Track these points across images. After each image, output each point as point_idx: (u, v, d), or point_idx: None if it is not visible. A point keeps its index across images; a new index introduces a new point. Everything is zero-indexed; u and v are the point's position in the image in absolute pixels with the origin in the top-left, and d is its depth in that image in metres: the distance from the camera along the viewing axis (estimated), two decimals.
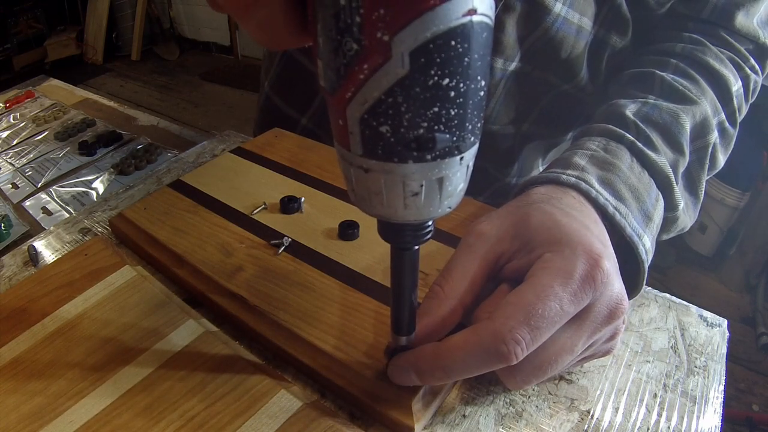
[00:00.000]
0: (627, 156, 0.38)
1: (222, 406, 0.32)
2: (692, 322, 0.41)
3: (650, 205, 0.36)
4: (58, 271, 0.43)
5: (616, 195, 0.35)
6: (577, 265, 0.28)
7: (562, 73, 0.52)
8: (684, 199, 0.41)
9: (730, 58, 0.48)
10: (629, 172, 0.37)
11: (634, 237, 0.34)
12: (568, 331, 0.29)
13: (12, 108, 0.92)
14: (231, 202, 0.48)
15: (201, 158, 0.60)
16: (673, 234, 0.42)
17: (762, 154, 1.72)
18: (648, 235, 0.35)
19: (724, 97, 0.45)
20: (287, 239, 0.43)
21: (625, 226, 0.34)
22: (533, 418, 0.34)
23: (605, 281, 0.28)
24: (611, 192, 0.35)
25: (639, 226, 0.35)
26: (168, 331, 0.37)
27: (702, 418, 0.34)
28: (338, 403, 0.35)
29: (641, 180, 0.37)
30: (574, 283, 0.28)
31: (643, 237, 0.35)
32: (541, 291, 0.28)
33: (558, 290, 0.27)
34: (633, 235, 0.34)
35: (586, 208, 0.34)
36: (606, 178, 0.36)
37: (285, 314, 0.37)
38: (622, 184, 0.36)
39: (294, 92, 0.64)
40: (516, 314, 0.27)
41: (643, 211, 0.36)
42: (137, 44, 3.70)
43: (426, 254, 0.42)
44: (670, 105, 0.42)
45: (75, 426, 0.32)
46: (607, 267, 0.28)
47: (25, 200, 0.69)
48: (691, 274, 1.95)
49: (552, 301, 0.27)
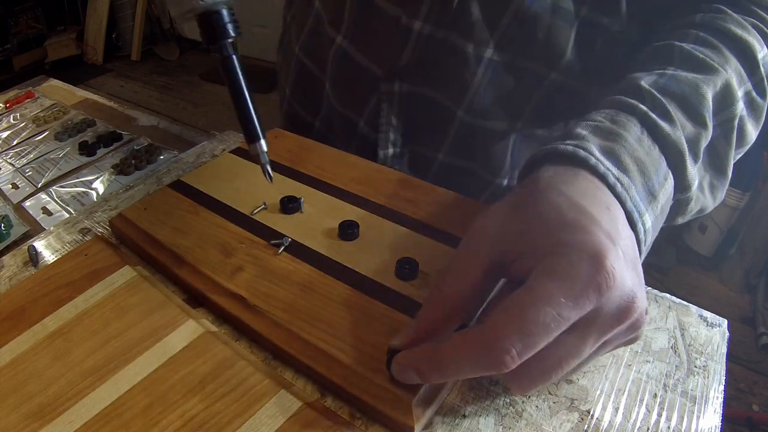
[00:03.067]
0: (637, 128, 0.35)
1: (222, 406, 0.32)
2: (692, 322, 0.41)
3: (657, 183, 0.34)
4: (58, 271, 0.43)
5: (619, 166, 0.33)
6: (580, 269, 0.27)
7: (545, 59, 0.49)
8: (708, 178, 0.39)
9: (754, 24, 0.44)
10: (637, 144, 0.34)
11: (635, 213, 0.32)
12: (573, 334, 0.27)
13: (12, 108, 0.92)
14: (231, 202, 0.48)
15: (201, 158, 0.60)
16: (690, 216, 0.39)
17: (762, 154, 1.72)
18: (650, 215, 0.33)
19: (749, 64, 0.42)
20: (287, 239, 0.43)
21: (626, 200, 0.31)
22: (533, 418, 0.34)
23: (611, 284, 0.27)
24: (613, 162, 0.33)
25: (641, 202, 0.32)
26: (168, 331, 0.37)
27: (702, 418, 0.34)
28: (338, 403, 0.35)
29: (650, 154, 0.34)
30: (575, 289, 0.26)
31: (644, 215, 0.32)
32: (537, 297, 0.26)
33: (556, 296, 0.26)
34: (633, 211, 0.32)
35: (599, 191, 0.31)
36: (609, 147, 0.33)
37: (285, 314, 0.37)
38: (627, 156, 0.33)
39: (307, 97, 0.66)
40: (508, 322, 0.26)
41: (648, 187, 0.33)
42: (137, 44, 3.70)
43: (426, 254, 0.42)
44: (690, 75, 0.38)
45: (75, 426, 0.32)
46: (614, 267, 0.27)
47: (25, 200, 0.69)
48: (691, 274, 1.95)
49: (548, 308, 0.26)
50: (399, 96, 0.55)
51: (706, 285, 1.91)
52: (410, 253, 0.42)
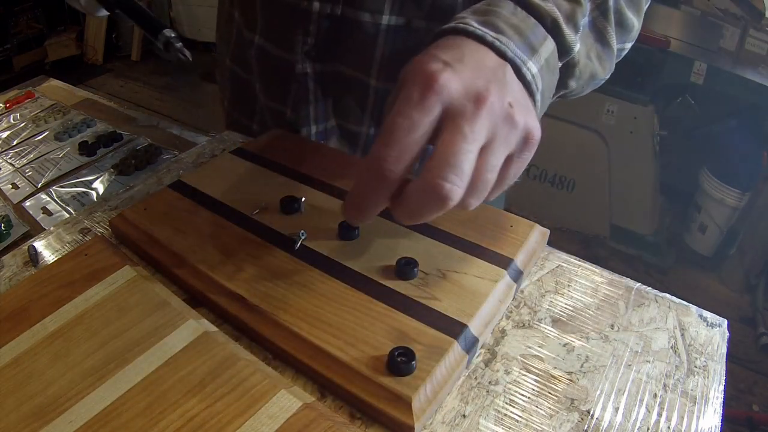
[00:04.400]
0: (510, 5, 0.39)
1: (222, 406, 0.32)
2: (692, 322, 0.41)
3: (535, 40, 0.38)
4: (58, 271, 0.43)
5: (496, 30, 0.37)
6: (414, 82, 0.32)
7: (439, 17, 0.52)
8: (593, 49, 0.44)
9: None
10: (511, 15, 0.38)
11: (516, 60, 0.36)
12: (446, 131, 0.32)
13: (12, 108, 0.92)
14: (231, 202, 0.48)
15: (201, 158, 0.60)
16: (583, 82, 0.44)
17: (762, 154, 1.73)
18: (534, 63, 0.37)
19: None
20: (303, 233, 0.43)
21: (506, 51, 0.36)
22: (533, 418, 0.34)
23: (448, 84, 0.32)
24: (490, 28, 0.37)
25: (522, 52, 0.36)
26: (168, 331, 0.37)
27: (702, 418, 0.34)
28: (338, 403, 0.35)
29: (525, 22, 0.38)
30: (410, 99, 0.32)
31: (527, 62, 0.36)
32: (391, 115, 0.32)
33: (403, 109, 0.32)
34: (515, 58, 0.36)
35: (459, 41, 0.36)
36: (485, 20, 0.37)
37: (285, 314, 0.37)
38: (503, 23, 0.37)
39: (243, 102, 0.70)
40: (380, 140, 0.32)
41: (527, 43, 0.37)
42: (137, 44, 3.69)
43: (426, 254, 0.42)
44: None
45: (75, 426, 0.32)
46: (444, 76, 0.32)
47: (25, 200, 0.69)
48: (691, 274, 1.95)
49: (400, 118, 0.32)
50: (313, 76, 0.58)
51: (706, 285, 1.91)
52: (410, 253, 0.42)
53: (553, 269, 0.46)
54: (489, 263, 0.41)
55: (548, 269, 0.46)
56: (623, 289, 0.44)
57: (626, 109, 1.85)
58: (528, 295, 0.43)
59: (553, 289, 0.44)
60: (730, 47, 1.72)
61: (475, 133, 0.32)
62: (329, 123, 0.62)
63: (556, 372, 0.37)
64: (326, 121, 0.61)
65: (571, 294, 0.43)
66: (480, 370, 0.37)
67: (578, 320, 0.41)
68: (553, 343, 0.39)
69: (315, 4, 0.54)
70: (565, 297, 0.43)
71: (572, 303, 0.42)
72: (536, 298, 0.43)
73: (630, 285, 0.44)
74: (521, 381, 0.36)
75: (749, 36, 1.68)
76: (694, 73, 1.74)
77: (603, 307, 0.42)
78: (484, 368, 0.37)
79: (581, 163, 2.02)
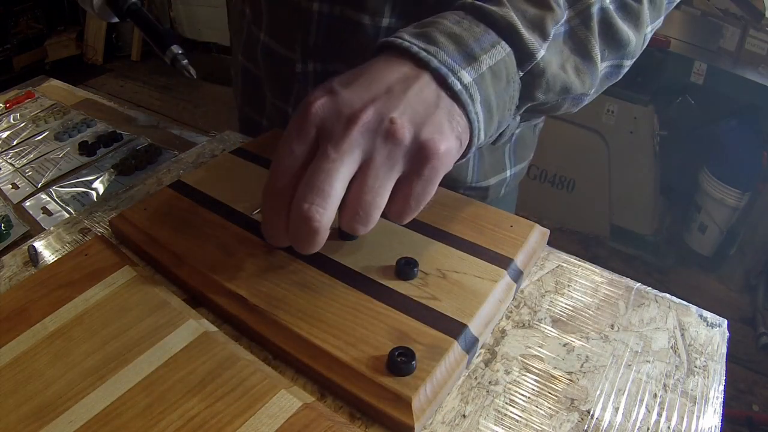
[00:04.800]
0: (458, 14, 0.37)
1: (222, 406, 0.32)
2: (692, 322, 0.41)
3: (476, 47, 0.35)
4: (58, 271, 0.43)
5: (428, 41, 0.35)
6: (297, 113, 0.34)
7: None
8: (570, 60, 0.40)
9: None
10: (454, 24, 0.36)
11: (441, 69, 0.34)
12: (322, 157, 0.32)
13: (12, 108, 0.92)
14: (231, 202, 0.48)
15: (201, 158, 0.60)
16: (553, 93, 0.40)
17: (762, 154, 1.73)
18: (468, 72, 0.35)
19: None
20: None
21: (430, 61, 0.34)
22: (533, 418, 0.34)
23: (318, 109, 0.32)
24: (422, 40, 0.35)
25: (454, 62, 0.34)
26: (168, 331, 0.37)
27: (702, 418, 0.34)
28: (338, 403, 0.35)
29: (470, 30, 0.36)
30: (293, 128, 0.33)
31: (458, 71, 0.34)
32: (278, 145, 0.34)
33: (285, 140, 0.34)
34: (440, 68, 0.34)
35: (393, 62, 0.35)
36: (421, 32, 0.36)
37: (285, 314, 0.37)
38: (439, 33, 0.35)
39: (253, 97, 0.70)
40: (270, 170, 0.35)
41: (463, 51, 0.35)
42: (137, 44, 3.69)
43: (426, 254, 0.42)
44: None
45: (75, 426, 0.32)
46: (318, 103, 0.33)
47: (25, 200, 0.69)
48: (691, 274, 1.95)
49: (281, 150, 0.34)
50: (313, 75, 0.58)
51: (706, 285, 1.91)
52: (410, 253, 0.42)
53: (553, 269, 0.46)
54: (489, 263, 0.41)
55: (548, 269, 0.46)
56: (623, 289, 0.44)
57: (626, 109, 1.85)
58: (528, 295, 0.43)
59: (553, 289, 0.44)
60: (730, 47, 1.72)
61: (340, 153, 0.31)
62: None
63: (556, 372, 0.37)
64: None
65: (571, 294, 0.43)
66: (480, 370, 0.37)
67: (578, 320, 0.41)
68: (553, 343, 0.39)
69: (315, 4, 0.54)
70: (565, 297, 0.43)
71: (572, 303, 0.42)
72: (536, 298, 0.43)
73: (630, 285, 0.44)
74: (521, 381, 0.36)
75: (749, 36, 1.68)
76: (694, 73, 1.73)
77: (603, 307, 0.42)
78: (484, 368, 0.37)
79: (581, 163, 2.02)
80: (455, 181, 0.63)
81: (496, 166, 0.66)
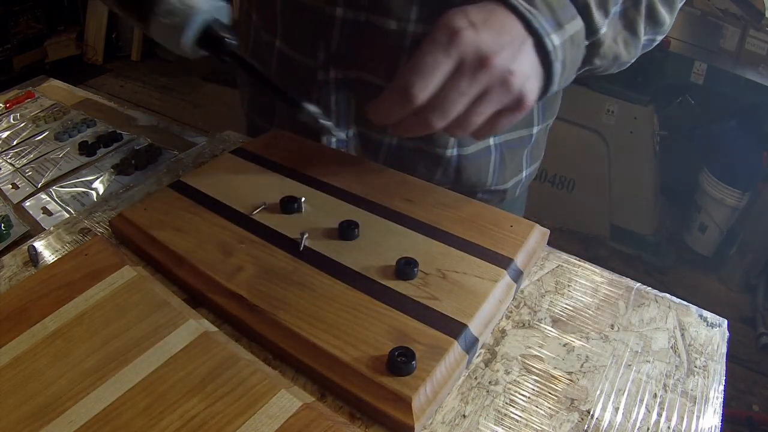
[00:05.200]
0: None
1: (222, 406, 0.32)
2: (692, 322, 0.41)
3: (563, 17, 0.43)
4: (58, 271, 0.43)
5: (530, 2, 0.42)
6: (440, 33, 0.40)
7: None
8: (621, 35, 0.49)
9: None
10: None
11: (540, 30, 0.41)
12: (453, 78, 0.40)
13: (12, 108, 0.92)
14: (231, 202, 0.48)
15: (201, 158, 0.60)
16: (607, 62, 0.49)
17: (762, 154, 1.73)
18: (557, 37, 0.42)
19: None
20: (305, 234, 0.43)
21: (531, 20, 0.41)
22: (533, 418, 0.34)
23: (465, 41, 0.39)
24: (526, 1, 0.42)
25: (548, 25, 0.42)
26: (168, 331, 0.37)
27: (702, 418, 0.34)
28: (338, 403, 0.35)
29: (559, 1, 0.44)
30: (438, 43, 0.39)
31: (551, 35, 0.42)
32: (418, 52, 0.40)
33: (429, 49, 0.39)
34: (539, 28, 0.41)
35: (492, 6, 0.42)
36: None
37: (285, 314, 0.37)
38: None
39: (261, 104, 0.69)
40: (408, 68, 0.40)
41: (555, 18, 0.43)
42: (137, 44, 3.69)
43: (426, 254, 0.42)
44: None
45: (75, 426, 0.32)
46: (466, 32, 0.39)
47: (25, 200, 0.69)
48: (691, 274, 1.95)
49: (426, 56, 0.39)
50: (335, 83, 0.57)
51: (706, 285, 1.91)
52: (410, 253, 0.42)
53: (553, 269, 0.46)
54: (489, 263, 0.41)
55: (548, 269, 0.46)
56: (623, 289, 0.44)
57: (626, 109, 1.85)
58: (528, 295, 0.43)
59: (553, 289, 0.44)
60: (730, 47, 1.72)
61: (470, 90, 0.40)
62: (351, 131, 0.61)
63: (556, 372, 0.37)
64: (347, 129, 0.60)
65: (571, 294, 0.43)
66: (480, 370, 0.37)
67: (578, 320, 0.41)
68: (553, 343, 0.39)
69: (339, 9, 0.53)
70: (565, 297, 0.43)
71: (572, 303, 0.42)
72: (536, 298, 0.43)
73: (630, 285, 0.44)
74: (521, 381, 0.36)
75: (749, 36, 1.68)
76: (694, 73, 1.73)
77: (603, 307, 0.42)
78: (484, 368, 0.37)
79: (581, 163, 2.02)
80: (475, 185, 0.64)
81: (514, 169, 0.67)
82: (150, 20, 0.44)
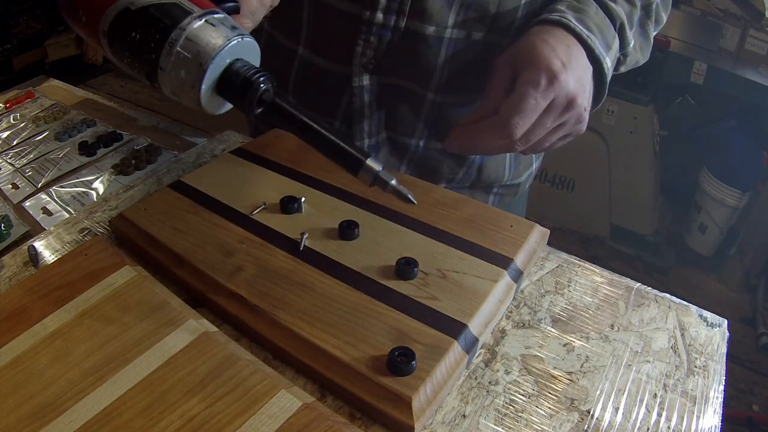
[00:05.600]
0: (593, 6, 0.50)
1: (222, 406, 0.32)
2: (692, 322, 0.41)
3: (610, 38, 0.50)
4: (58, 271, 0.43)
5: (588, 28, 0.48)
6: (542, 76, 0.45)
7: (498, 29, 0.53)
8: (638, 42, 0.55)
9: None
10: (595, 15, 0.50)
11: (600, 56, 0.48)
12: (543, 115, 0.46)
13: (12, 108, 0.92)
14: (231, 202, 0.48)
15: (201, 158, 0.60)
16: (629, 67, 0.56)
17: (762, 154, 1.73)
18: (609, 58, 0.49)
19: None
20: (305, 235, 0.43)
21: (594, 48, 0.48)
22: (533, 418, 0.34)
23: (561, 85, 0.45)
24: (584, 26, 0.48)
25: (603, 49, 0.49)
26: (168, 331, 0.37)
27: (702, 418, 0.34)
28: (338, 403, 0.35)
29: (603, 22, 0.50)
30: (541, 87, 0.44)
31: (606, 58, 0.49)
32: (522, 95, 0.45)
33: (532, 93, 0.44)
34: (600, 54, 0.48)
35: (563, 36, 0.47)
36: (580, 17, 0.49)
37: (285, 314, 0.37)
38: (591, 22, 0.49)
39: None
40: (512, 109, 0.45)
41: (605, 41, 0.49)
42: None
43: (426, 254, 0.42)
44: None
45: (75, 426, 0.32)
46: (562, 77, 0.45)
47: (25, 200, 0.69)
48: (691, 274, 1.95)
49: (530, 99, 0.44)
50: (369, 89, 0.57)
51: (706, 285, 1.91)
52: (410, 252, 0.42)
53: (553, 269, 0.46)
54: (489, 263, 0.41)
55: (548, 269, 0.46)
56: (623, 289, 0.44)
57: (626, 109, 1.85)
58: (528, 295, 0.43)
59: (553, 289, 0.44)
60: (730, 47, 1.72)
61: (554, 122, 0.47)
62: (380, 136, 0.61)
63: (556, 372, 0.37)
64: (378, 134, 0.60)
65: (571, 294, 0.43)
66: (480, 370, 0.37)
67: (578, 320, 0.41)
68: (553, 343, 0.39)
69: (378, 15, 0.52)
70: (565, 297, 0.43)
71: (572, 303, 0.42)
72: (536, 298, 0.43)
73: (630, 285, 0.44)
74: (521, 381, 0.36)
75: (749, 36, 1.68)
76: (694, 73, 1.73)
77: (603, 307, 0.42)
78: (484, 368, 0.37)
79: (581, 163, 2.02)
80: (494, 181, 0.66)
81: (527, 163, 0.69)
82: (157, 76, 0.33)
